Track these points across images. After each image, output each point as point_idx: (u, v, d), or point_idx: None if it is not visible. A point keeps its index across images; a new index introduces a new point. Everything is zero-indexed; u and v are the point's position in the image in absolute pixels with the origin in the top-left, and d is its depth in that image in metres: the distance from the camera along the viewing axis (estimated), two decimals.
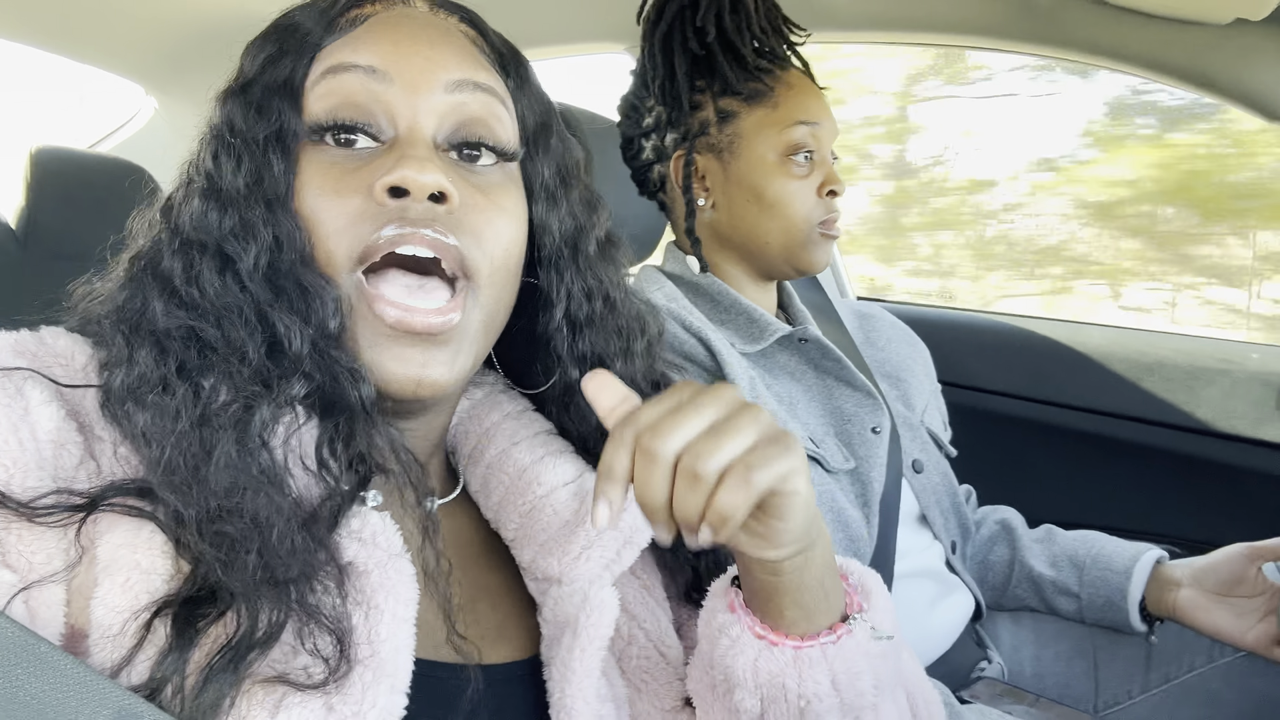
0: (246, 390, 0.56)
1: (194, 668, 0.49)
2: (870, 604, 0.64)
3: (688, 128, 1.21)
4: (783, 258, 1.20)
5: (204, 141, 0.65)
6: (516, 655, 0.67)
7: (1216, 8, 1.27)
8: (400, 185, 0.59)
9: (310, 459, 0.57)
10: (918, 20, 1.52)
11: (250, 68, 0.65)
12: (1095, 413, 1.81)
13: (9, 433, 0.51)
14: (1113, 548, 1.29)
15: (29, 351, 0.57)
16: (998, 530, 1.41)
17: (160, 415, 0.54)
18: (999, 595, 1.38)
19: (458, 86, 0.64)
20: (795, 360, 1.22)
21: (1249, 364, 1.71)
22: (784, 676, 0.60)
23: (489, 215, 0.64)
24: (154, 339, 0.57)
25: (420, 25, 0.66)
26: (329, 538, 0.55)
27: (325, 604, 0.53)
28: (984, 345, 1.93)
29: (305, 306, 0.58)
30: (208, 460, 0.53)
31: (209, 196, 0.61)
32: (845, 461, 1.16)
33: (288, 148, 0.62)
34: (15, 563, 0.50)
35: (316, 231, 0.60)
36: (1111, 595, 1.25)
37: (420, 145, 0.61)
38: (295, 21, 0.66)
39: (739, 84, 1.18)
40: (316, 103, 0.62)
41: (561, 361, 0.73)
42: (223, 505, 0.52)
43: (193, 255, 0.60)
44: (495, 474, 0.72)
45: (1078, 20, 1.42)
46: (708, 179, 1.21)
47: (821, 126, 1.18)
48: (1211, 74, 1.38)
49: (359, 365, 0.59)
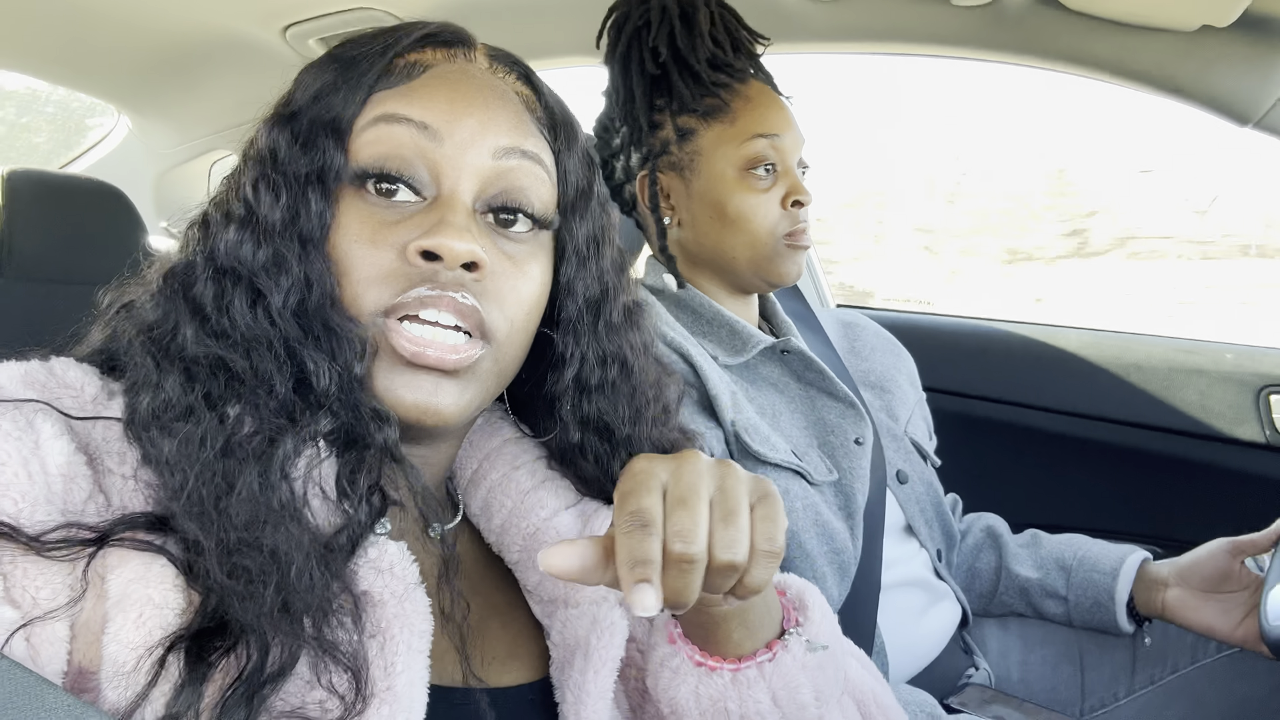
0: (272, 423, 0.56)
1: (208, 703, 0.49)
2: (807, 617, 0.65)
3: (649, 147, 1.22)
4: (751, 271, 1.20)
5: (247, 161, 0.65)
6: (526, 677, 0.67)
7: (1183, 15, 1.29)
8: (436, 251, 0.59)
9: (330, 490, 0.57)
10: (889, 30, 1.53)
11: (301, 97, 0.65)
12: (1076, 415, 1.83)
13: (19, 466, 0.51)
14: (1098, 550, 1.30)
15: (39, 383, 0.57)
16: (983, 537, 1.41)
17: (185, 443, 0.54)
18: (987, 602, 1.39)
19: (505, 153, 0.64)
20: (778, 372, 1.22)
21: (1224, 364, 1.73)
22: (725, 700, 0.61)
23: (515, 283, 0.64)
24: (182, 365, 0.57)
25: (477, 86, 0.66)
26: (345, 569, 0.56)
27: (341, 639, 0.53)
28: (963, 350, 1.94)
29: (332, 346, 0.59)
30: (230, 492, 0.53)
31: (245, 226, 0.62)
32: (829, 473, 1.16)
33: (328, 188, 0.62)
34: (19, 598, 0.49)
35: (347, 277, 0.61)
36: (1099, 596, 1.26)
37: (460, 211, 0.62)
38: (353, 56, 0.66)
39: (694, 101, 1.18)
40: (364, 148, 0.63)
41: (564, 423, 0.72)
42: (242, 538, 0.52)
43: (225, 284, 0.60)
44: (497, 498, 0.72)
45: (1047, 29, 1.44)
46: (672, 197, 1.22)
47: (783, 138, 1.18)
48: (1179, 80, 1.40)
49: (384, 408, 0.60)
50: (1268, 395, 1.69)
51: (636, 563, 0.48)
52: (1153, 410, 1.76)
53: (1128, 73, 1.44)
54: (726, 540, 0.51)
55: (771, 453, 1.11)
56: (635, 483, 0.52)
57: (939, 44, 1.53)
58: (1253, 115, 1.35)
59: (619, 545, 0.50)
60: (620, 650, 0.64)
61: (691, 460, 0.54)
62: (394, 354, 0.60)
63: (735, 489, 0.53)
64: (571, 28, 1.59)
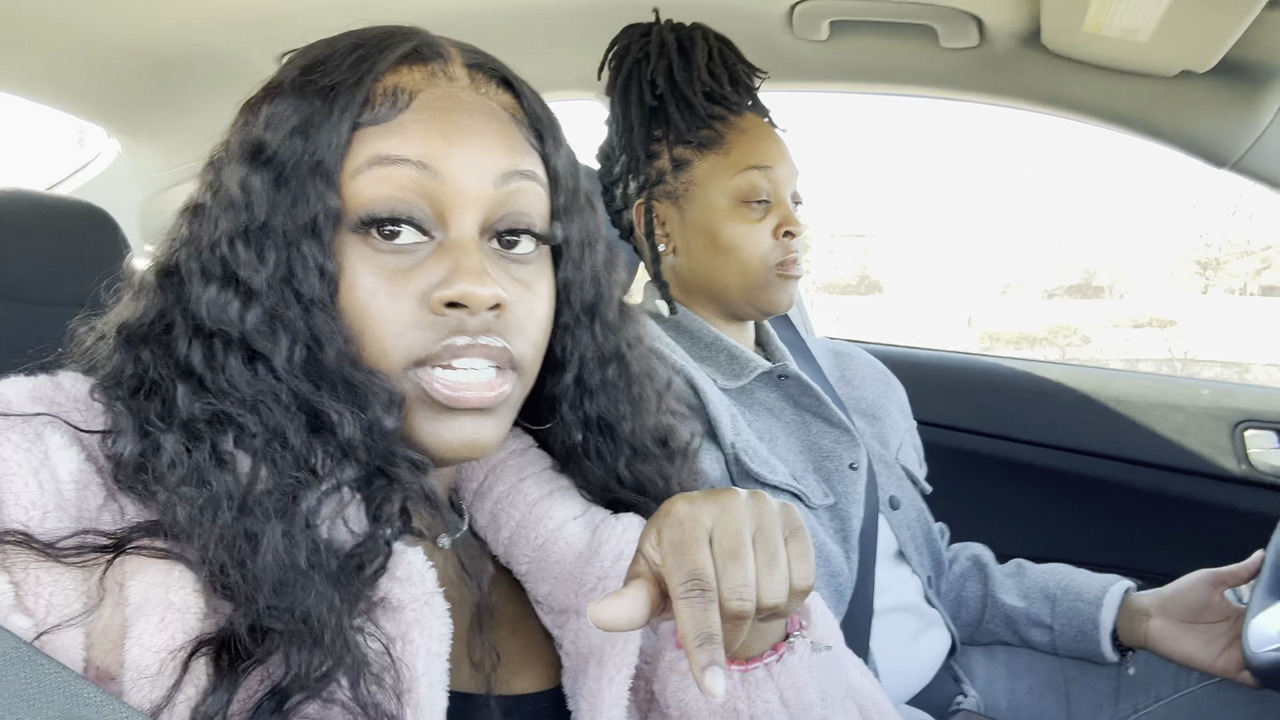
0: (291, 476, 0.55)
1: (236, 709, 0.48)
2: (810, 620, 0.66)
3: (646, 176, 1.24)
4: (743, 299, 1.22)
5: (218, 206, 0.60)
6: (540, 685, 0.67)
7: (1164, 61, 1.34)
8: (461, 301, 0.58)
9: (357, 526, 0.57)
10: (880, 71, 1.58)
11: (274, 135, 0.60)
12: (1058, 449, 1.86)
13: (29, 475, 0.50)
14: (1083, 579, 1.32)
15: (46, 397, 0.56)
16: (969, 566, 1.43)
17: (201, 509, 0.52)
18: (973, 630, 1.40)
19: (505, 178, 0.63)
20: (774, 397, 1.23)
21: (1200, 400, 1.77)
22: (734, 700, 0.62)
23: (531, 307, 0.64)
24: (180, 424, 0.55)
25: (467, 112, 0.63)
26: (370, 595, 0.55)
27: (380, 698, 0.52)
28: (947, 383, 1.97)
29: (355, 399, 0.57)
30: (255, 555, 0.51)
31: (228, 285, 0.58)
32: (825, 497, 1.17)
33: (326, 240, 0.59)
34: (33, 606, 0.49)
35: (369, 332, 0.59)
36: (1084, 625, 1.28)
37: (474, 252, 0.60)
38: (325, 86, 0.61)
39: (690, 132, 1.21)
40: (361, 192, 0.59)
41: (566, 423, 0.72)
42: (271, 605, 0.51)
43: (215, 345, 0.57)
44: (504, 509, 0.72)
45: (1032, 72, 1.49)
46: (667, 225, 1.24)
47: (776, 170, 1.20)
48: (1159, 123, 1.45)
49: (420, 457, 0.60)
50: (1243, 430, 1.73)
51: (703, 639, 0.49)
52: (1133, 444, 1.79)
53: (1108, 115, 1.49)
54: (771, 587, 0.53)
55: (771, 475, 1.12)
56: (684, 534, 0.52)
57: (929, 85, 1.58)
58: (1230, 158, 1.40)
59: (681, 613, 0.50)
60: (634, 658, 0.64)
61: (732, 502, 0.54)
62: (431, 402, 0.60)
63: (773, 528, 0.54)
64: (573, 62, 1.61)
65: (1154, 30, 1.22)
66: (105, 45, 1.61)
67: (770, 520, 0.54)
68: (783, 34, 1.50)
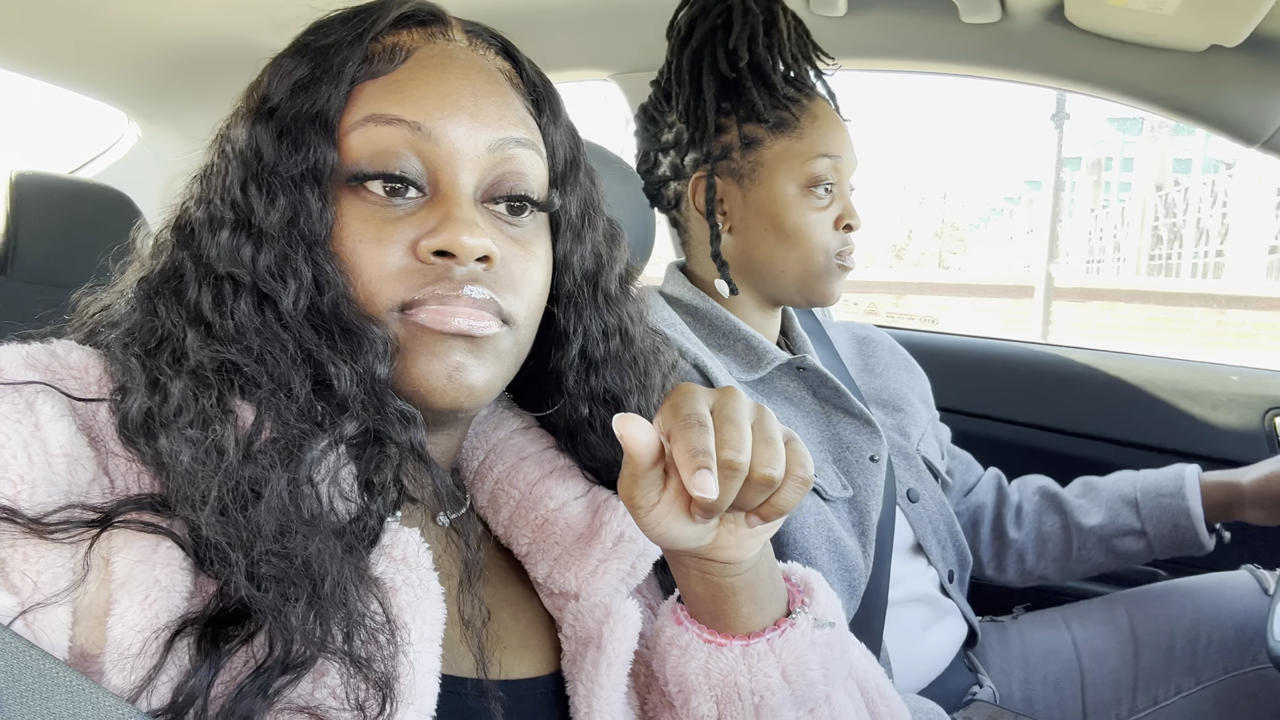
0: (296, 427, 0.55)
1: (219, 691, 0.48)
2: (812, 598, 0.66)
3: (709, 150, 1.19)
4: (797, 287, 1.19)
5: (226, 161, 0.62)
6: (539, 670, 0.67)
7: (1192, 35, 1.30)
8: (448, 249, 0.59)
9: (350, 491, 0.56)
10: (901, 48, 1.55)
11: (277, 90, 0.62)
12: (1082, 436, 1.82)
13: (19, 448, 0.50)
14: (1152, 476, 1.34)
15: (41, 364, 0.55)
16: (1040, 500, 1.42)
17: (206, 452, 0.52)
18: (1062, 565, 1.40)
19: (500, 145, 0.63)
20: (794, 386, 1.21)
21: (1229, 386, 1.73)
22: (735, 674, 0.62)
23: (525, 265, 0.64)
24: (189, 370, 0.55)
25: (462, 72, 0.64)
26: (365, 562, 0.55)
27: (373, 654, 0.52)
28: (970, 370, 1.94)
29: (351, 347, 0.58)
30: (257, 500, 0.51)
31: (239, 229, 0.59)
32: (843, 490, 1.15)
33: (325, 188, 0.60)
34: (19, 583, 0.48)
35: (359, 277, 0.59)
36: (1177, 519, 1.30)
37: (464, 205, 0.60)
38: (327, 44, 0.63)
39: (766, 111, 1.16)
40: (357, 148, 0.60)
41: (572, 398, 0.72)
42: (272, 549, 0.50)
43: (224, 289, 0.58)
44: (504, 489, 0.72)
45: (1056, 48, 1.45)
46: (725, 203, 1.20)
47: (843, 159, 1.18)
48: (1187, 100, 1.40)
49: (409, 408, 0.59)
50: (1273, 418, 1.68)
51: (697, 452, 0.51)
52: (1159, 431, 1.76)
53: (1135, 92, 1.45)
54: (767, 457, 0.54)
55: None
56: (684, 396, 0.54)
57: (950, 61, 1.55)
58: (1260, 135, 1.36)
59: (677, 438, 0.52)
60: (633, 643, 0.64)
61: (733, 391, 0.56)
62: (419, 335, 0.59)
63: (772, 424, 0.56)
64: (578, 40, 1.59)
65: (1181, 2, 1.18)
66: (126, 29, 1.63)
67: (769, 420, 0.56)
68: (799, 10, 1.48)
